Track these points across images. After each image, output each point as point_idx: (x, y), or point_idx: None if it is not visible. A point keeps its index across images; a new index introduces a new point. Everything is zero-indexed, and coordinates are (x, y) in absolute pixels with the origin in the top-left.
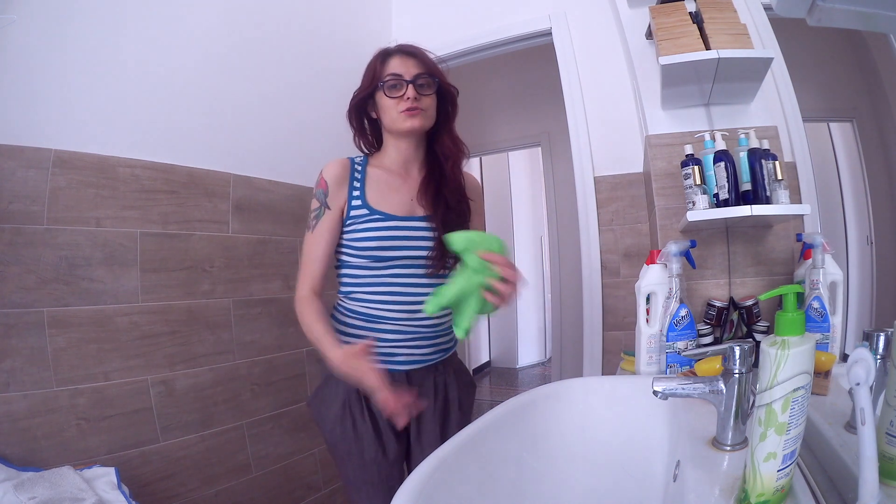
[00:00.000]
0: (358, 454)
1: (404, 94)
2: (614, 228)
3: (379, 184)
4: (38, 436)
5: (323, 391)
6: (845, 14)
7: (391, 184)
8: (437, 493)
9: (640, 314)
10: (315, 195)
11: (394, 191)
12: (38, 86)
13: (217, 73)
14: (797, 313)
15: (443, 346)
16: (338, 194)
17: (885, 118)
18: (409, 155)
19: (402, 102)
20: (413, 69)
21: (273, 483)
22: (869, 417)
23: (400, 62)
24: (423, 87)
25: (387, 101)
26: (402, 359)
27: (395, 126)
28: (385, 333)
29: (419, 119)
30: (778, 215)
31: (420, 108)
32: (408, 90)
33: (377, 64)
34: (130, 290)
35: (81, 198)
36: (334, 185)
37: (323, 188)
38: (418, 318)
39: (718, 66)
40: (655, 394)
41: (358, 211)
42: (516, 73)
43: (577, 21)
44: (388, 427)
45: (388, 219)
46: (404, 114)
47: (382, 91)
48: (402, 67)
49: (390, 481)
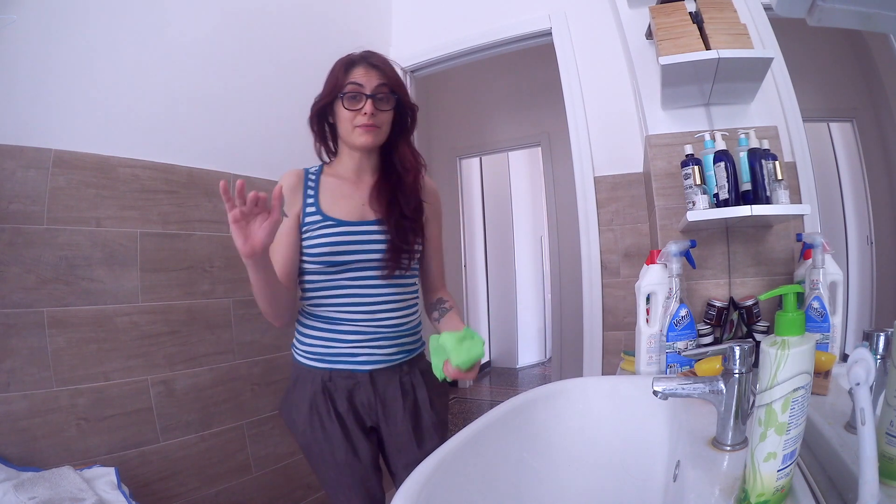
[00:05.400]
0: (330, 455)
1: (362, 107)
2: (614, 228)
3: (331, 191)
4: (38, 436)
5: (291, 395)
6: (845, 14)
7: (343, 190)
8: (437, 493)
9: (640, 314)
10: None
11: (346, 197)
12: (38, 86)
13: (217, 73)
14: (797, 313)
15: (407, 346)
16: (293, 202)
17: (885, 118)
18: (361, 163)
19: (358, 116)
20: (374, 80)
21: (273, 483)
22: (869, 417)
23: (363, 73)
24: (381, 102)
25: (344, 112)
26: (364, 359)
27: (348, 139)
28: (346, 335)
29: (373, 136)
30: (778, 215)
31: (375, 125)
32: (366, 105)
33: (339, 72)
34: (130, 290)
35: (81, 198)
36: (289, 194)
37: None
38: (377, 320)
39: (718, 66)
40: (655, 394)
41: (312, 217)
42: (516, 73)
43: (577, 21)
44: (357, 427)
45: (340, 224)
46: (360, 129)
47: (341, 101)
48: (364, 78)
49: (367, 483)
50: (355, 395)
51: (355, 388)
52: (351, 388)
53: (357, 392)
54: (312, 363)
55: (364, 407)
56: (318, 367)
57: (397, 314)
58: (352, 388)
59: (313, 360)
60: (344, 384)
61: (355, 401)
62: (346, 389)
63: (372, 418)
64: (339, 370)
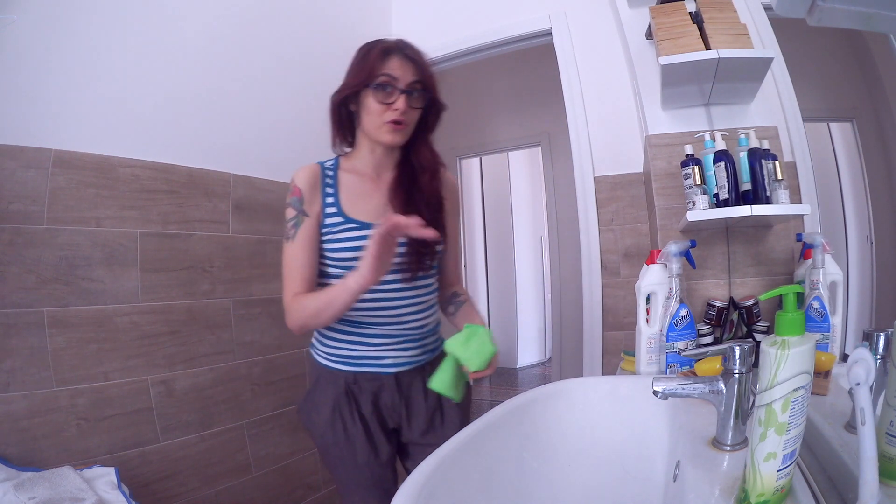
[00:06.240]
0: (350, 457)
1: (394, 102)
2: (614, 228)
3: (351, 189)
4: (38, 436)
5: (312, 396)
6: (845, 14)
7: (363, 189)
8: (437, 493)
9: (640, 314)
10: (290, 204)
11: (366, 197)
12: (38, 86)
13: (217, 72)
14: (797, 313)
15: (429, 346)
16: (313, 201)
17: (885, 118)
18: (383, 159)
19: (389, 111)
20: (409, 75)
21: (273, 483)
22: (869, 417)
23: (399, 64)
24: (414, 99)
25: (374, 104)
26: (390, 361)
27: (374, 134)
28: (372, 338)
29: (401, 135)
30: (778, 215)
31: (405, 122)
32: (399, 100)
33: (374, 59)
34: (130, 290)
35: (81, 198)
36: (308, 192)
37: (297, 195)
38: (403, 322)
39: (718, 66)
40: (655, 394)
41: (333, 219)
42: (516, 73)
43: (577, 21)
44: (380, 429)
45: (364, 227)
46: (389, 125)
47: (371, 91)
48: (399, 71)
49: (383, 482)
50: (380, 398)
51: (380, 391)
52: (376, 390)
53: (382, 394)
54: (336, 366)
55: (388, 408)
56: (342, 369)
57: (421, 315)
58: (377, 390)
59: (337, 362)
60: (369, 387)
61: (380, 403)
62: (371, 392)
63: (394, 419)
64: (364, 373)
